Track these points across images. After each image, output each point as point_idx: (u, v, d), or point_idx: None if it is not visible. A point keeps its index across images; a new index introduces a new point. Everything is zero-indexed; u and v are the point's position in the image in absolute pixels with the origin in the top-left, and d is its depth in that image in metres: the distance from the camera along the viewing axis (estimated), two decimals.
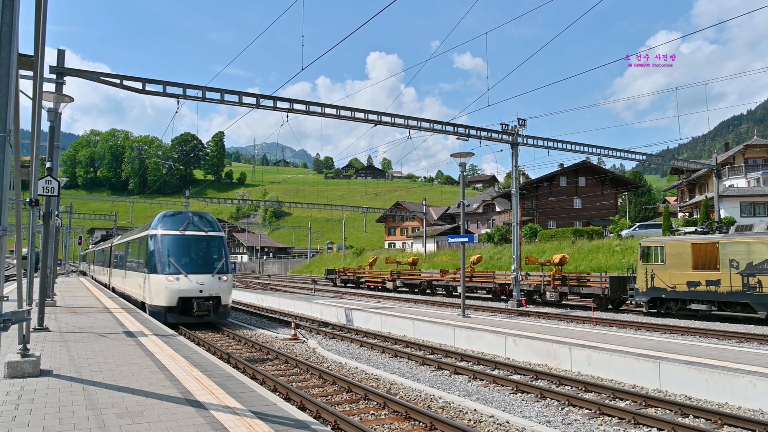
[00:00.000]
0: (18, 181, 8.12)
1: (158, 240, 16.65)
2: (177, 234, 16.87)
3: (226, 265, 17.01)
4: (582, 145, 25.96)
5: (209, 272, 16.50)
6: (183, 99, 17.72)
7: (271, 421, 5.49)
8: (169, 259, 16.22)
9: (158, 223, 17.25)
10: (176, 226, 17.07)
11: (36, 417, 5.50)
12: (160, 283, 16.01)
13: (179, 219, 17.39)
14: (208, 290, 16.23)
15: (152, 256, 16.58)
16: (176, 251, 16.55)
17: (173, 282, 15.90)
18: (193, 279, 16.10)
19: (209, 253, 17.21)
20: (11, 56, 5.11)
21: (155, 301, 16.18)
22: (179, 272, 16.03)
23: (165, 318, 15.70)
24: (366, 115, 20.85)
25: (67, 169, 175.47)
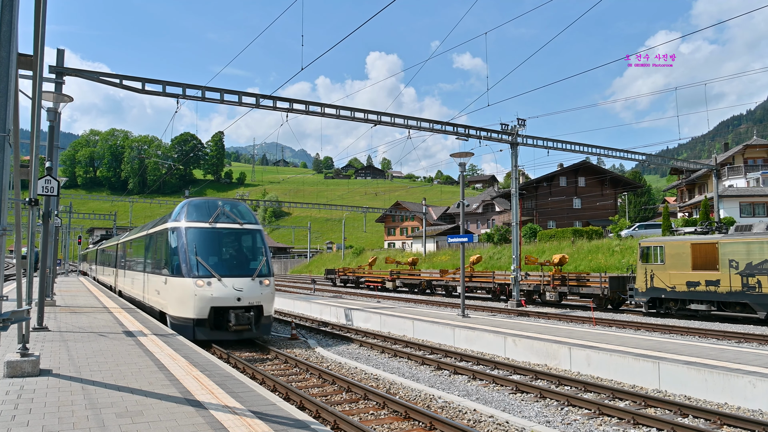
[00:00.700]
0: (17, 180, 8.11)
1: (182, 234, 13.44)
2: (206, 227, 13.64)
3: (268, 265, 13.80)
4: (581, 145, 25.97)
5: (248, 275, 13.22)
6: (182, 99, 17.72)
7: (271, 421, 5.49)
8: (197, 258, 12.94)
9: (181, 214, 14.01)
10: (204, 216, 13.85)
11: (35, 416, 5.50)
12: (186, 288, 12.76)
13: (207, 208, 14.18)
14: (247, 298, 12.93)
15: (175, 254, 13.44)
16: (206, 249, 13.39)
17: (204, 288, 12.64)
18: (228, 284, 12.80)
19: (247, 250, 14.15)
20: (11, 56, 5.11)
21: (180, 311, 13.03)
22: (211, 275, 12.73)
23: (193, 334, 12.60)
24: (366, 115, 20.85)
25: (67, 168, 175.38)
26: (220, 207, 14.20)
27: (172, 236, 13.81)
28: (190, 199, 14.71)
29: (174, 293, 13.35)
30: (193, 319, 12.67)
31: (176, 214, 14.30)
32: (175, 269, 13.35)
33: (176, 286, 13.21)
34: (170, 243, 13.86)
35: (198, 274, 12.81)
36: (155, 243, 15.84)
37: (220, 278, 12.79)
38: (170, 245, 13.85)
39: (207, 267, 12.88)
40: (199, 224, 13.69)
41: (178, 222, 13.94)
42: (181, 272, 13.00)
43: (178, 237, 13.55)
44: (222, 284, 12.78)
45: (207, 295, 12.63)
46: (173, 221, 14.14)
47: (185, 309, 12.84)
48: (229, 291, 12.79)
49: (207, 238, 13.61)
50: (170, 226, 14.11)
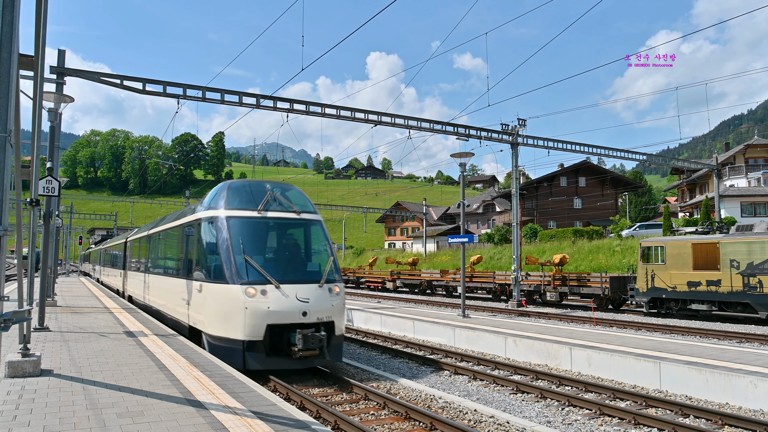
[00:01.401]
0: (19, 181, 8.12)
1: (224, 226, 10.21)
2: (255, 217, 10.50)
3: (336, 267, 10.67)
4: (582, 145, 25.96)
5: (314, 281, 10.04)
6: (183, 99, 17.73)
7: (272, 421, 5.49)
8: (245, 258, 9.76)
9: (219, 199, 10.87)
10: (250, 203, 10.69)
11: (36, 416, 5.50)
12: (232, 299, 9.48)
13: (253, 192, 11.04)
14: (315, 311, 9.64)
15: (214, 253, 10.29)
16: (256, 245, 10.32)
17: (257, 298, 9.36)
18: (290, 293, 9.54)
19: (308, 248, 11.19)
20: (12, 56, 5.11)
21: (222, 329, 9.74)
22: (266, 281, 9.51)
23: (243, 361, 9.31)
24: (366, 115, 20.86)
25: (68, 169, 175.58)
26: (270, 190, 10.91)
27: (209, 229, 10.64)
28: (229, 181, 11.61)
29: (213, 305, 10.05)
30: (242, 341, 9.30)
31: (212, 200, 11.15)
32: (214, 273, 10.08)
33: (217, 296, 9.90)
34: (206, 238, 10.76)
35: (248, 280, 9.50)
36: (182, 238, 12.58)
37: (279, 285, 9.46)
38: (206, 241, 10.74)
39: (260, 270, 9.58)
40: (245, 213, 10.48)
41: (215, 210, 10.65)
42: (224, 277, 9.68)
43: (217, 230, 10.31)
44: (281, 293, 9.45)
45: (262, 309, 9.28)
46: (209, 209, 10.97)
47: (231, 327, 9.50)
48: (292, 302, 9.45)
49: (256, 232, 10.48)
50: (206, 216, 10.90)
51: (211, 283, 10.18)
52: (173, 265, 13.47)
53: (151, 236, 17.03)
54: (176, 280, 12.70)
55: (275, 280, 9.57)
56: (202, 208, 11.48)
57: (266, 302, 9.36)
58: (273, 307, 9.35)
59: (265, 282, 9.53)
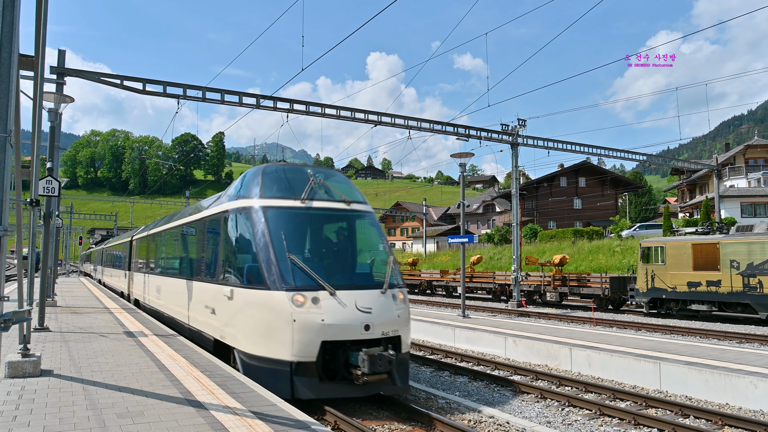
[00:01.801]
0: (19, 181, 8.13)
1: (260, 218, 8.43)
2: (298, 208, 8.69)
3: (397, 269, 8.78)
4: (582, 146, 25.96)
5: (375, 286, 8.27)
6: (183, 99, 17.73)
7: (272, 422, 5.49)
8: (291, 257, 7.95)
9: (253, 186, 9.05)
10: (291, 191, 8.90)
11: (36, 417, 5.50)
12: (276, 309, 7.71)
13: (293, 178, 9.23)
14: (380, 324, 7.83)
15: (249, 251, 8.51)
16: (301, 242, 8.66)
17: (308, 308, 7.57)
18: (348, 301, 7.76)
19: (363, 246, 9.49)
20: (12, 57, 5.12)
21: (261, 347, 7.91)
22: (318, 286, 7.75)
23: (291, 388, 7.42)
24: (366, 115, 20.86)
25: (68, 169, 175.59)
26: (312, 176, 9.11)
27: (241, 222, 8.86)
28: (262, 165, 9.70)
29: (249, 316, 8.19)
30: (290, 362, 7.42)
31: (243, 188, 9.34)
32: (249, 275, 8.27)
33: (254, 304, 8.07)
34: (237, 233, 9.04)
35: (296, 285, 7.69)
36: (204, 234, 10.75)
37: (334, 291, 7.66)
38: (237, 236, 9.03)
39: (310, 273, 7.77)
40: (286, 202, 8.67)
41: (248, 199, 8.87)
42: (264, 280, 7.85)
43: (252, 223, 8.49)
44: (337, 302, 7.62)
45: (314, 322, 7.44)
46: (239, 198, 9.18)
47: (273, 344, 7.65)
48: (351, 313, 7.63)
49: (300, 226, 8.75)
50: (236, 207, 9.09)
51: (245, 288, 8.30)
52: (192, 266, 11.55)
53: (164, 233, 15.15)
54: (197, 284, 10.74)
55: (331, 285, 7.72)
56: (230, 197, 9.61)
57: (319, 313, 7.50)
58: (328, 319, 7.47)
59: (316, 287, 7.67)
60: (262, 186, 8.94)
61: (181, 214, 14.41)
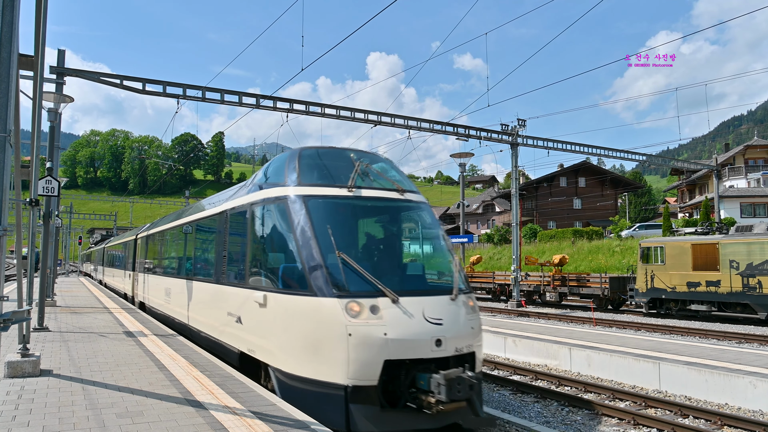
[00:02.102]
0: (18, 181, 8.12)
1: (300, 210, 7.03)
2: (346, 197, 7.30)
3: (462, 271, 7.43)
4: (582, 146, 25.98)
5: (443, 291, 6.91)
6: (183, 99, 17.73)
7: (271, 421, 5.49)
8: (341, 257, 6.56)
9: (289, 171, 7.59)
10: (335, 177, 7.51)
11: (36, 417, 5.50)
12: (325, 319, 6.33)
13: (336, 162, 7.84)
14: (453, 339, 6.43)
15: (284, 249, 7.19)
16: (351, 239, 7.31)
17: (366, 319, 6.19)
18: (414, 309, 6.37)
19: (423, 243, 8.15)
20: (11, 56, 5.12)
21: (306, 365, 6.46)
22: (377, 292, 6.37)
23: (346, 417, 5.98)
24: (366, 115, 20.87)
25: (67, 169, 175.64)
26: (357, 160, 7.68)
27: (276, 214, 7.34)
28: (298, 148, 8.14)
29: (289, 327, 6.67)
30: (344, 386, 5.98)
31: (276, 173, 7.89)
32: (288, 278, 6.85)
33: (296, 313, 6.58)
34: (270, 227, 7.57)
35: (349, 290, 6.29)
36: (228, 229, 9.10)
37: (397, 298, 6.23)
38: (272, 231, 7.54)
39: (367, 275, 6.34)
40: (331, 191, 7.24)
41: (283, 187, 7.38)
42: (308, 285, 6.43)
43: (291, 215, 6.98)
44: (401, 311, 6.20)
45: (375, 336, 6.02)
46: (273, 186, 7.65)
47: (322, 363, 6.21)
48: (420, 325, 6.20)
49: (350, 219, 7.45)
50: (268, 196, 7.58)
51: (283, 293, 6.81)
52: (210, 266, 9.99)
53: (175, 230, 13.74)
54: (217, 288, 9.21)
55: (394, 290, 6.27)
56: (258, 186, 8.20)
57: (381, 325, 6.02)
58: (392, 332, 5.99)
59: (375, 293, 6.21)
60: (300, 171, 7.42)
61: (194, 208, 13.09)
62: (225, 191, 11.00)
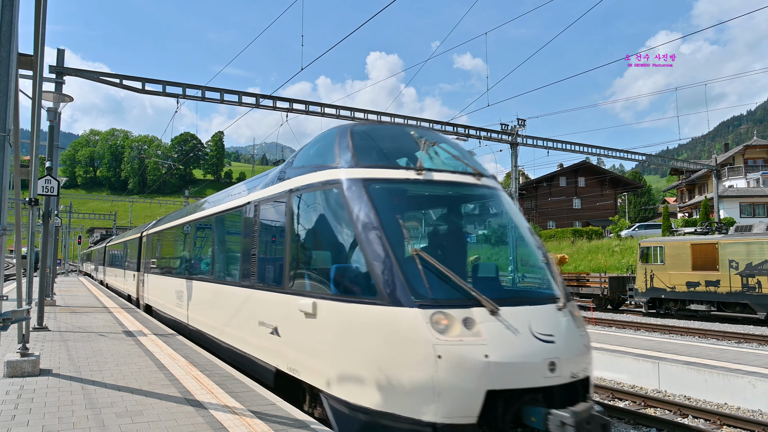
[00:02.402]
0: (18, 180, 8.12)
1: (362, 197, 5.43)
2: (417, 182, 5.74)
3: (559, 271, 6.05)
4: (581, 146, 25.99)
5: (548, 298, 5.44)
6: (183, 99, 17.74)
7: (271, 421, 5.49)
8: (420, 255, 4.91)
9: (341, 150, 6.01)
10: (397, 158, 6.11)
11: (35, 416, 5.50)
12: (404, 335, 4.65)
13: (396, 140, 6.48)
14: (568, 360, 4.80)
15: (342, 246, 5.72)
16: (429, 233, 6.54)
17: (459, 335, 4.52)
18: (518, 323, 4.73)
19: (512, 239, 6.69)
20: (11, 56, 5.12)
21: (377, 396, 4.75)
22: (470, 300, 4.75)
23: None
24: (366, 115, 20.86)
25: (67, 168, 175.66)
26: (419, 138, 6.18)
27: (328, 202, 5.95)
28: (349, 124, 6.63)
29: (351, 342, 5.29)
30: (432, 424, 4.47)
31: (324, 153, 6.31)
32: (348, 282, 5.48)
33: (361, 326, 5.17)
34: (321, 218, 6.13)
35: (434, 298, 4.83)
36: (259, 222, 7.53)
37: (497, 308, 4.79)
38: (322, 223, 6.10)
39: (456, 279, 4.92)
40: (397, 173, 5.77)
41: (336, 169, 5.89)
42: (377, 290, 4.99)
43: (349, 202, 5.53)
44: (504, 325, 4.76)
45: (473, 359, 4.51)
46: (320, 168, 6.13)
47: (400, 392, 4.70)
48: (528, 344, 4.77)
49: (424, 208, 6.56)
50: (316, 181, 6.10)
51: (341, 301, 5.30)
52: (237, 267, 8.39)
53: (190, 225, 12.10)
54: (246, 292, 7.68)
55: (492, 298, 4.74)
56: (299, 169, 6.58)
57: (480, 344, 4.51)
58: (496, 354, 4.49)
59: (468, 302, 4.71)
60: (356, 150, 5.88)
61: (212, 200, 11.49)
62: (250, 180, 9.51)
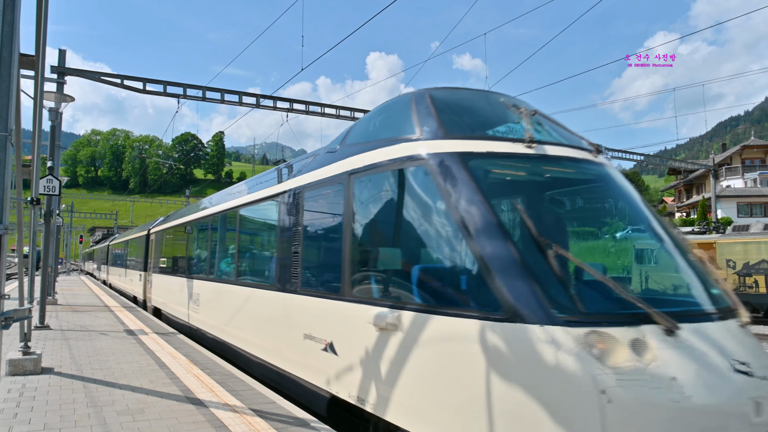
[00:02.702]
0: (19, 180, 8.17)
1: (459, 176, 3.98)
2: (529, 157, 4.24)
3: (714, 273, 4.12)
4: None
5: (725, 312, 3.63)
6: (183, 99, 17.79)
7: (271, 419, 5.54)
8: (559, 253, 3.48)
9: (423, 118, 4.57)
10: (496, 127, 4.67)
11: (37, 414, 5.56)
12: (543, 365, 3.11)
13: (486, 107, 4.90)
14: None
15: (434, 239, 4.16)
16: (552, 223, 4.62)
17: (632, 364, 2.98)
18: (707, 346, 3.16)
19: (647, 231, 4.75)
20: (12, 56, 5.16)
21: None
22: (639, 315, 3.19)
23: None
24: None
25: (68, 168, 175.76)
26: (514, 107, 4.85)
27: (412, 183, 4.49)
28: (424, 89, 5.08)
29: (458, 371, 3.66)
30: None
31: (399, 122, 4.99)
32: (447, 288, 4.02)
33: (476, 349, 3.51)
34: (402, 204, 4.62)
35: (586, 311, 3.29)
36: (308, 214, 6.31)
37: (676, 325, 3.17)
38: (405, 211, 4.58)
39: (612, 284, 3.39)
40: (502, 146, 4.29)
41: (418, 142, 4.49)
42: (499, 299, 3.44)
43: (443, 184, 4.05)
44: (689, 348, 3.15)
45: (658, 402, 2.92)
46: (394, 142, 4.78)
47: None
48: (725, 375, 3.11)
49: (541, 191, 4.91)
50: (393, 157, 4.70)
51: (436, 314, 3.98)
52: (270, 266, 7.24)
53: (215, 219, 10.45)
54: (286, 298, 6.41)
55: (659, 312, 3.28)
56: (358, 147, 5.35)
57: (664, 379, 3.04)
58: (688, 394, 3.02)
59: (632, 318, 3.31)
60: (441, 118, 4.55)
61: (238, 189, 9.85)
62: (281, 165, 8.03)
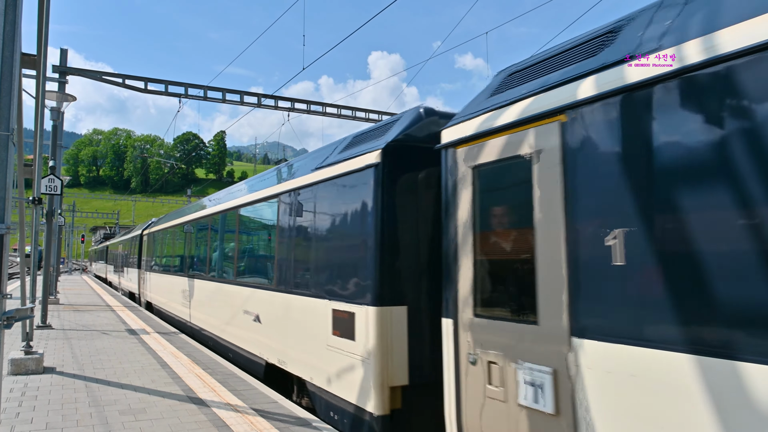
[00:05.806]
0: (21, 179, 8.16)
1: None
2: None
3: None
4: None
5: None
6: (185, 98, 17.78)
7: (273, 419, 5.52)
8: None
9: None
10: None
11: (39, 413, 5.54)
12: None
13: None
14: None
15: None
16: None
17: None
18: None
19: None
20: (14, 55, 5.14)
21: None
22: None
23: None
24: (367, 114, 20.90)
25: (70, 167, 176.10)
26: None
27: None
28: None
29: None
30: None
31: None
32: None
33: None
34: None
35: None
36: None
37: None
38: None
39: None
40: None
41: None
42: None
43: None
44: None
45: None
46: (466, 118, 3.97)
47: None
48: None
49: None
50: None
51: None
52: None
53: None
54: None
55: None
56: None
57: None
58: None
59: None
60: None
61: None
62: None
